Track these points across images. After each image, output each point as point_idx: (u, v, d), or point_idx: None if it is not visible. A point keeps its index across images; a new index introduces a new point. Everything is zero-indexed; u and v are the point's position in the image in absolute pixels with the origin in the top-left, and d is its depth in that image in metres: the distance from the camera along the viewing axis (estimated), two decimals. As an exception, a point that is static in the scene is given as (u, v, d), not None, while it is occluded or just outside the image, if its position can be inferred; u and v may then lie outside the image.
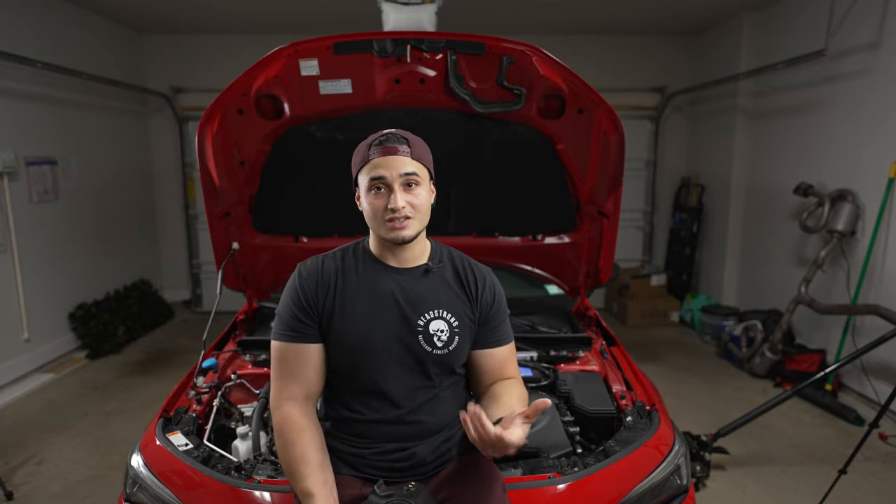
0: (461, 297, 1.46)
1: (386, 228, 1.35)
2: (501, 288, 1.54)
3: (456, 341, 1.43)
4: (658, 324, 5.81)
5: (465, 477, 1.40)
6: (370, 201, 1.36)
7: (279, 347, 1.41)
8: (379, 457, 1.42)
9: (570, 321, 2.74)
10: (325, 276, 1.43)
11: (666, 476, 1.56)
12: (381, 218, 1.35)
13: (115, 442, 3.37)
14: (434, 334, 1.41)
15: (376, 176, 1.35)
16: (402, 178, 1.34)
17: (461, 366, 1.49)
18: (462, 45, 2.08)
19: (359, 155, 1.41)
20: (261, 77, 2.04)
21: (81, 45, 4.99)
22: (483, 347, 1.50)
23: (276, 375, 1.41)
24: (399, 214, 1.33)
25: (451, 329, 1.42)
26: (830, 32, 4.03)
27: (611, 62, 6.09)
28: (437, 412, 1.45)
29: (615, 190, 2.33)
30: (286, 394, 1.38)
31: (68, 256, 4.83)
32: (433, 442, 1.45)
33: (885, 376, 3.75)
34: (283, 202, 2.50)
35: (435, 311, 1.42)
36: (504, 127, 2.33)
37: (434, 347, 1.41)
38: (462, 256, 1.54)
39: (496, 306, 1.50)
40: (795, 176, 4.53)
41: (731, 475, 3.00)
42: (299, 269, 1.46)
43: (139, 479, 1.54)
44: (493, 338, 1.50)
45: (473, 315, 1.47)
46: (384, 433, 1.42)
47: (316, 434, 1.36)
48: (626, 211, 6.05)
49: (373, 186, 1.36)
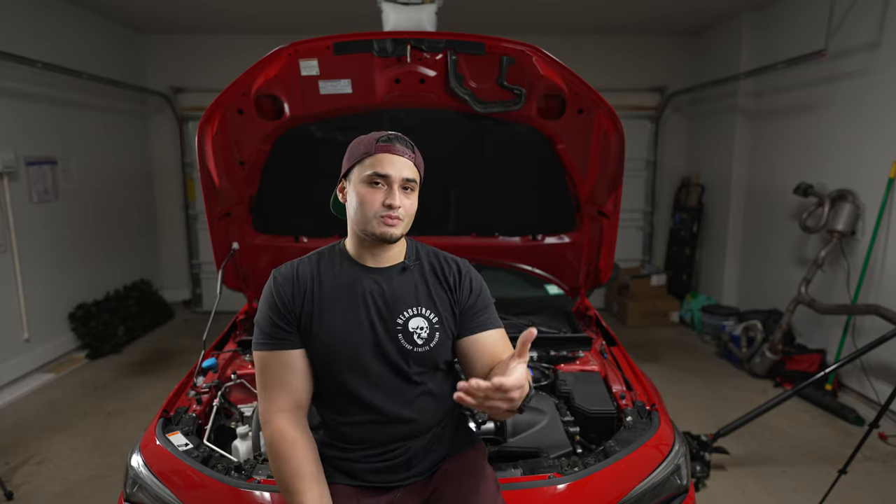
0: (439, 292, 1.45)
1: (378, 223, 1.34)
2: (481, 278, 1.52)
3: (437, 338, 1.42)
4: (658, 324, 5.81)
5: (458, 476, 1.40)
6: (365, 195, 1.35)
7: (261, 358, 1.39)
8: (372, 459, 1.42)
9: (570, 321, 2.74)
10: (301, 280, 1.41)
11: (666, 476, 1.56)
12: (374, 213, 1.34)
13: (115, 442, 3.37)
14: (414, 332, 1.40)
15: (381, 172, 1.34)
16: (402, 180, 1.35)
17: (445, 361, 1.48)
18: (462, 45, 2.08)
19: (360, 146, 1.39)
20: (261, 77, 2.05)
21: (81, 45, 4.99)
22: (469, 334, 1.45)
23: (261, 388, 1.39)
24: (395, 213, 1.34)
25: (430, 326, 1.41)
26: (830, 32, 4.03)
27: (611, 62, 6.09)
28: (427, 409, 1.44)
29: (615, 190, 2.33)
30: (274, 406, 1.36)
31: (68, 256, 4.83)
32: (425, 439, 1.45)
33: (885, 376, 3.75)
34: (283, 202, 2.50)
35: (414, 309, 1.41)
36: (504, 127, 2.33)
37: (414, 345, 1.40)
38: (436, 251, 1.53)
39: (475, 293, 1.48)
40: (795, 176, 4.53)
41: (731, 475, 3.00)
42: (274, 275, 1.44)
43: (139, 479, 1.54)
44: (476, 322, 1.45)
45: (454, 307, 1.46)
46: (375, 435, 1.42)
47: (309, 446, 1.34)
48: (626, 211, 6.05)
49: (372, 181, 1.35)
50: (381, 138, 1.37)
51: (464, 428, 1.60)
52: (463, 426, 1.60)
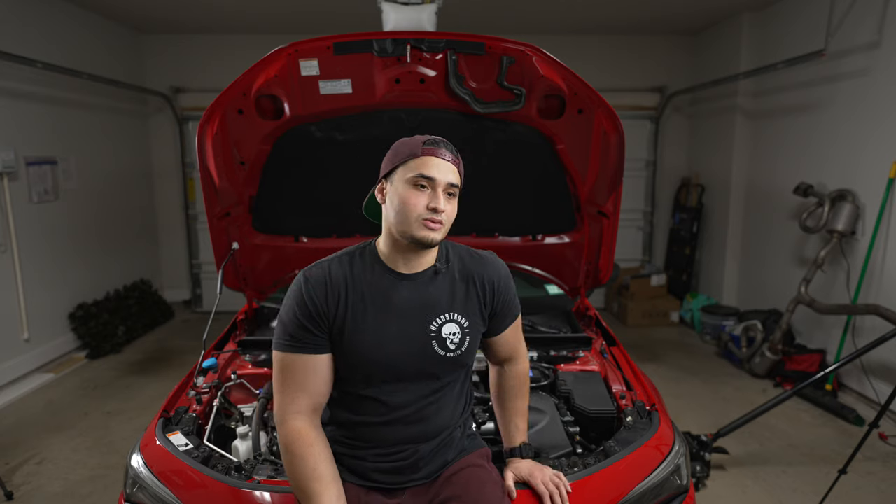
0: (471, 296, 1.45)
1: (419, 226, 1.30)
2: (508, 273, 1.53)
3: (468, 342, 1.43)
4: (658, 324, 5.81)
5: (463, 481, 1.40)
6: (408, 196, 1.31)
7: (284, 358, 1.36)
8: (381, 458, 1.42)
9: (570, 321, 2.74)
10: (335, 284, 1.37)
11: (666, 476, 1.56)
12: (417, 215, 1.30)
13: (115, 442, 3.37)
14: (447, 338, 1.40)
15: (427, 175, 1.31)
16: (447, 185, 1.33)
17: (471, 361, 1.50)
18: (462, 44, 2.07)
19: (405, 147, 1.36)
20: (261, 77, 2.04)
21: (81, 45, 4.99)
22: (496, 334, 1.53)
23: (280, 387, 1.36)
24: (438, 217, 1.31)
25: (462, 331, 1.42)
26: (830, 32, 4.03)
27: (611, 62, 6.10)
28: (442, 412, 1.45)
29: (615, 190, 2.33)
30: (293, 407, 1.34)
31: (68, 256, 4.83)
32: (434, 442, 1.45)
33: (885, 376, 3.75)
34: (283, 202, 2.49)
35: (446, 315, 1.41)
36: (504, 127, 2.32)
37: (447, 351, 1.40)
38: (466, 251, 1.52)
39: (503, 292, 1.50)
40: (795, 176, 4.53)
41: (731, 475, 3.00)
42: (305, 276, 1.38)
43: (139, 479, 1.54)
44: (504, 324, 1.53)
45: (483, 311, 1.47)
46: (389, 435, 1.41)
47: (325, 447, 1.34)
48: (626, 211, 6.06)
49: (418, 183, 1.31)
50: (428, 141, 1.35)
51: (469, 432, 1.60)
52: (468, 430, 1.61)
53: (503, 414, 1.61)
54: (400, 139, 1.40)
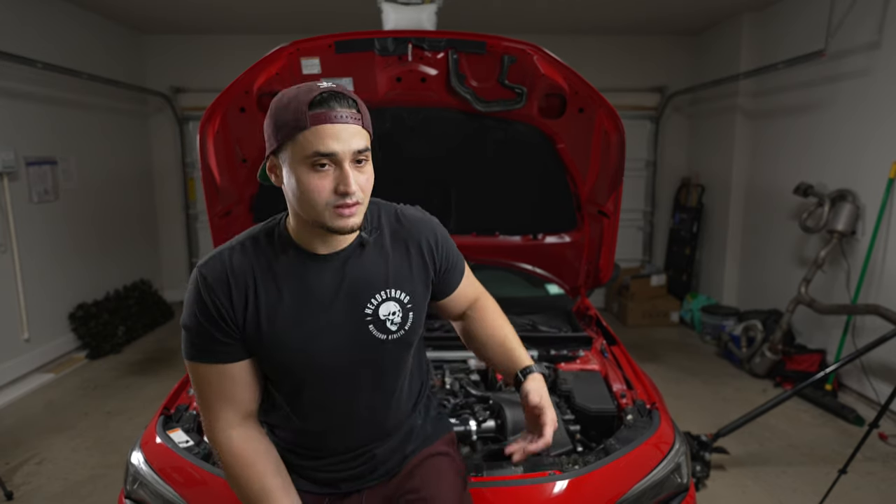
0: (408, 264, 1.24)
1: (331, 215, 1.07)
2: (445, 232, 1.33)
3: (411, 318, 1.23)
4: (658, 324, 5.81)
5: (424, 471, 1.33)
6: (308, 181, 1.05)
7: (197, 369, 1.16)
8: (335, 466, 1.31)
9: (571, 321, 2.74)
10: (239, 277, 1.13)
11: (666, 474, 1.56)
12: (325, 203, 1.06)
13: (115, 442, 3.37)
14: (385, 319, 1.20)
15: (325, 151, 1.03)
16: (353, 154, 1.05)
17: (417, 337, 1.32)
18: (463, 43, 2.08)
19: (288, 114, 1.04)
20: (263, 75, 2.05)
21: (81, 45, 4.99)
22: (445, 296, 1.36)
23: (201, 401, 1.19)
24: (352, 200, 1.06)
25: (403, 308, 1.22)
26: (830, 32, 4.03)
27: (611, 62, 6.10)
28: (393, 405, 1.30)
29: (615, 189, 2.33)
30: (221, 423, 1.17)
31: (68, 256, 4.83)
32: (391, 440, 1.33)
33: (885, 376, 3.75)
34: (283, 201, 2.49)
35: (383, 293, 1.20)
36: (505, 126, 2.33)
37: (388, 333, 1.21)
38: (397, 211, 1.29)
39: (444, 248, 1.30)
40: (795, 176, 4.54)
41: (731, 475, 3.00)
42: (201, 272, 1.14)
43: (140, 476, 1.54)
44: (452, 283, 1.35)
45: (427, 277, 1.27)
46: (335, 442, 1.29)
47: (268, 457, 1.19)
48: (626, 211, 6.04)
49: (316, 163, 1.04)
50: (314, 101, 1.03)
51: (432, 416, 1.45)
52: (432, 410, 1.47)
53: (492, 350, 1.40)
54: (277, 97, 1.09)
